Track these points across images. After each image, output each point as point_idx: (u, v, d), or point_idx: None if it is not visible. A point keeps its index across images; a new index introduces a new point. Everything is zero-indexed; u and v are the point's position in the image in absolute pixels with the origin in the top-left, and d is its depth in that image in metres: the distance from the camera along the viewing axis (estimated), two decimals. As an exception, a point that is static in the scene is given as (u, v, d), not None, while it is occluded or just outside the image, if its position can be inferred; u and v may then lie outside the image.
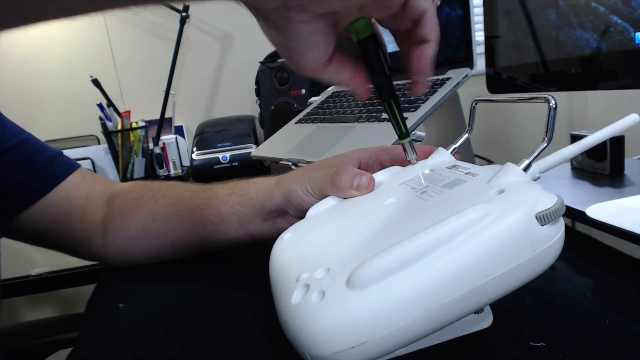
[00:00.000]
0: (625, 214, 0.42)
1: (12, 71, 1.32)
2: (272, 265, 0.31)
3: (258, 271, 0.46)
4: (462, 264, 0.23)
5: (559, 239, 0.25)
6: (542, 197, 0.25)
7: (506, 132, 1.50)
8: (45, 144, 0.50)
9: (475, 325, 0.29)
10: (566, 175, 0.63)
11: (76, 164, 0.52)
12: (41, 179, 0.48)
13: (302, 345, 0.24)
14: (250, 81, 1.24)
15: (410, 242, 0.24)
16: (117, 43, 1.36)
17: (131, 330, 0.36)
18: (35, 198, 0.47)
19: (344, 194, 0.36)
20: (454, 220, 0.24)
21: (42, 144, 0.50)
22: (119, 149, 1.21)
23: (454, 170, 0.33)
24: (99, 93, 1.22)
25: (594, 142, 0.31)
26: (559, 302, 0.33)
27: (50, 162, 0.49)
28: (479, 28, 0.65)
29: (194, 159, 1.07)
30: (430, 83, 0.35)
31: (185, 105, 1.41)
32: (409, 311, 0.23)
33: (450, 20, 0.64)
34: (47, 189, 0.48)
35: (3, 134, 0.46)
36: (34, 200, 0.47)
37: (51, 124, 1.34)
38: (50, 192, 0.48)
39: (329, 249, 0.28)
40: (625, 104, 1.25)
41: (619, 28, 0.47)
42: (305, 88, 1.06)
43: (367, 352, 0.23)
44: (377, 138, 0.59)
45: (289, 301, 0.25)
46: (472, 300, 0.24)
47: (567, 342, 0.28)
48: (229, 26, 1.38)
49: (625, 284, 0.35)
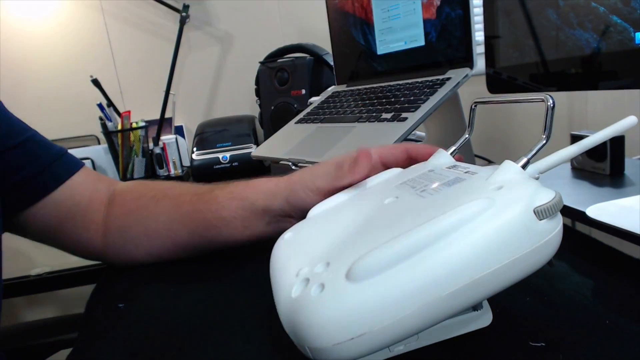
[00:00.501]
0: (625, 214, 0.42)
1: (12, 71, 1.32)
2: (272, 262, 0.31)
3: (258, 271, 0.46)
4: (460, 257, 0.23)
5: (557, 234, 0.25)
6: (540, 192, 0.25)
7: (506, 132, 1.50)
8: (50, 141, 0.50)
9: (475, 323, 0.29)
10: (566, 175, 0.63)
11: (80, 162, 0.52)
12: (48, 176, 0.48)
13: (301, 337, 0.24)
14: (250, 81, 1.24)
15: (408, 236, 0.24)
16: (117, 43, 1.36)
17: (131, 330, 0.36)
18: (41, 195, 0.47)
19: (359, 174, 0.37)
20: (453, 215, 0.24)
21: (47, 141, 0.50)
22: (119, 149, 1.21)
23: (453, 170, 0.33)
24: (99, 93, 1.22)
25: (592, 143, 0.31)
26: (559, 302, 0.33)
27: (57, 160, 0.49)
28: (479, 28, 0.65)
29: (194, 159, 1.07)
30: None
31: (185, 105, 1.41)
32: (407, 303, 0.23)
33: (450, 20, 0.64)
34: (54, 187, 0.48)
35: (11, 130, 0.46)
36: (40, 197, 0.47)
37: (51, 124, 1.34)
38: (56, 190, 0.48)
39: (329, 245, 0.28)
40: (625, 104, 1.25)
41: (619, 28, 0.47)
42: (305, 88, 1.06)
43: (366, 344, 0.23)
44: (377, 138, 0.59)
45: (288, 295, 0.26)
46: (470, 293, 0.24)
47: (567, 342, 0.28)
48: (229, 26, 1.38)
49: (625, 284, 0.35)
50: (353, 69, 0.86)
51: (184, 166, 1.29)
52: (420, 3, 0.69)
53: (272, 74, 1.10)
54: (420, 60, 0.71)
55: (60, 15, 1.32)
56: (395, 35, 0.75)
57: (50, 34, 1.33)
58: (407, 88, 0.68)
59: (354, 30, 0.83)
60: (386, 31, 0.76)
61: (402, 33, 0.73)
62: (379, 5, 0.76)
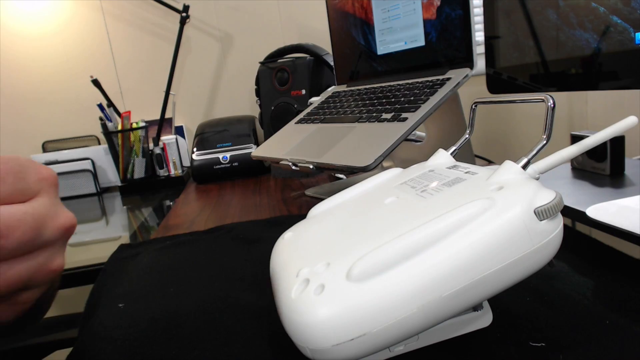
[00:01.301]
0: (625, 214, 0.42)
1: (12, 71, 1.32)
2: (272, 262, 0.31)
3: (259, 271, 0.46)
4: (460, 258, 0.23)
5: (558, 235, 0.25)
6: (541, 193, 0.25)
7: (506, 132, 1.50)
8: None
9: (476, 323, 0.29)
10: (566, 176, 0.63)
11: None
12: None
13: (301, 338, 0.24)
14: (250, 81, 1.24)
15: (409, 236, 0.24)
16: (117, 43, 1.36)
17: (131, 330, 0.36)
18: None
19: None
20: (453, 215, 0.24)
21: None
22: (119, 149, 1.21)
23: (454, 170, 0.33)
24: (99, 93, 1.22)
25: (593, 144, 0.31)
26: (559, 302, 0.33)
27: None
28: (479, 28, 0.65)
29: (194, 159, 1.07)
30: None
31: (185, 106, 1.41)
32: (407, 304, 0.23)
33: (451, 20, 0.64)
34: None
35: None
36: None
37: (51, 124, 1.34)
38: None
39: (330, 245, 0.28)
40: (625, 104, 1.25)
41: (619, 28, 0.47)
42: (305, 88, 1.06)
43: (366, 345, 0.23)
44: (377, 138, 0.59)
45: (289, 295, 0.26)
46: (470, 294, 0.24)
47: (567, 342, 0.28)
48: (229, 26, 1.38)
49: (625, 284, 0.35)
50: (353, 69, 0.86)
51: (184, 166, 1.30)
52: (420, 3, 0.69)
53: (272, 74, 1.10)
54: (420, 60, 0.71)
55: (60, 15, 1.32)
56: (395, 36, 0.75)
57: (50, 34, 1.33)
58: (407, 88, 0.68)
59: (354, 30, 0.83)
60: (386, 31, 0.76)
61: (402, 33, 0.73)
62: (379, 5, 0.76)
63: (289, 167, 0.66)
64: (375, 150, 0.56)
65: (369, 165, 0.54)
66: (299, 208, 0.72)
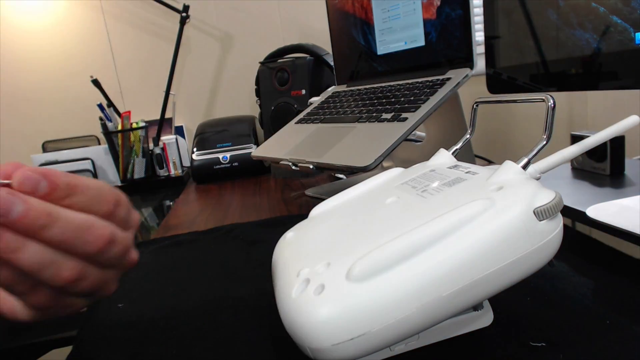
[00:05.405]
0: (625, 214, 0.42)
1: (12, 71, 1.32)
2: (274, 262, 0.31)
3: (258, 271, 0.46)
4: (460, 258, 0.23)
5: (557, 235, 0.25)
6: (540, 193, 0.25)
7: (506, 132, 1.50)
8: None
9: (476, 323, 0.29)
10: (566, 176, 0.63)
11: None
12: None
13: (302, 338, 0.24)
14: (250, 81, 1.24)
15: (409, 236, 0.24)
16: (117, 43, 1.36)
17: (131, 330, 0.36)
18: None
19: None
20: (453, 215, 0.24)
21: None
22: (119, 149, 1.21)
23: (454, 170, 0.33)
24: (99, 93, 1.22)
25: (593, 144, 0.31)
26: (559, 302, 0.33)
27: None
28: (479, 28, 0.65)
29: (194, 159, 1.07)
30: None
31: (185, 106, 1.41)
32: (407, 304, 0.23)
33: (451, 20, 0.64)
34: None
35: None
36: None
37: (51, 124, 1.34)
38: None
39: (330, 245, 0.28)
40: (625, 104, 1.26)
41: (619, 28, 0.47)
42: (305, 88, 1.06)
43: (366, 344, 0.23)
44: (377, 138, 0.59)
45: (289, 295, 0.26)
46: (470, 294, 0.24)
47: (567, 342, 0.28)
48: (229, 26, 1.38)
49: (625, 284, 0.35)
50: (353, 69, 0.86)
51: (184, 166, 1.29)
52: (420, 3, 0.69)
53: (272, 74, 1.10)
54: (420, 60, 0.71)
55: (60, 15, 1.32)
56: (395, 36, 0.75)
57: (50, 34, 1.33)
58: (407, 88, 0.68)
59: (354, 30, 0.83)
60: (386, 31, 0.76)
61: (402, 33, 0.73)
62: (379, 5, 0.76)
63: (289, 167, 0.66)
64: (375, 151, 0.56)
65: (369, 165, 0.54)
66: (299, 208, 0.72)
